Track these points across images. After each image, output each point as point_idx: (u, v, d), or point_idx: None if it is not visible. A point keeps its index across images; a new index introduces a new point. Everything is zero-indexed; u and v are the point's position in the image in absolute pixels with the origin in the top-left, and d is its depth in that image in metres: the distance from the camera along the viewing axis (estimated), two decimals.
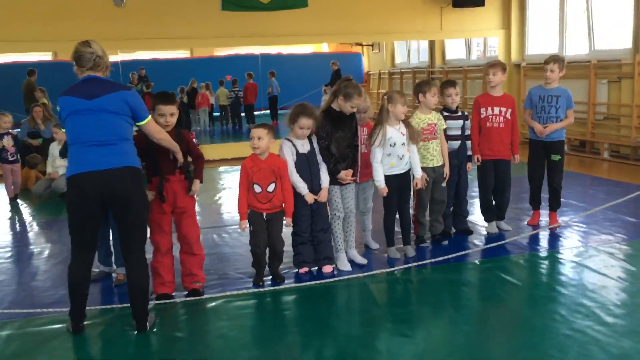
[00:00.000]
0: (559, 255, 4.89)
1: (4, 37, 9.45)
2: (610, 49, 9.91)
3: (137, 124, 3.62)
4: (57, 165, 7.62)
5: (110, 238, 4.58)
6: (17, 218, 7.03)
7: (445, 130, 5.15)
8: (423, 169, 4.95)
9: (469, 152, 5.39)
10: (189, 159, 4.26)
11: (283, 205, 4.48)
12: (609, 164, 9.36)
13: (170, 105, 4.05)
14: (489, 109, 5.28)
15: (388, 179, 4.73)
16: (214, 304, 4.14)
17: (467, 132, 5.37)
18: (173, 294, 4.24)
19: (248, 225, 4.44)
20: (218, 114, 17.19)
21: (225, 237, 5.81)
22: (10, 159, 7.36)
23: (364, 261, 4.82)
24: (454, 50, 14.59)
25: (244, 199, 4.40)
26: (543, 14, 11.39)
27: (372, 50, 20.10)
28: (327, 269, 4.68)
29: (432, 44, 15.09)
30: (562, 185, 5.58)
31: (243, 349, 3.48)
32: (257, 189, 4.37)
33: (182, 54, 20.71)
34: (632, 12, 9.22)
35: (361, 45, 20.39)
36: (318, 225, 4.66)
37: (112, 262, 4.63)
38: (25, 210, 7.42)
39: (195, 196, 4.26)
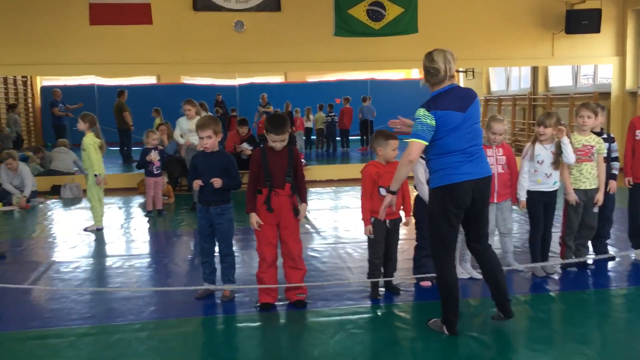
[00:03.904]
0: None
1: (136, 60, 10.17)
2: None
3: None
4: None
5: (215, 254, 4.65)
6: (157, 228, 7.41)
7: None
8: (575, 190, 4.97)
9: (614, 172, 5.34)
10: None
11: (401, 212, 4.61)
12: None
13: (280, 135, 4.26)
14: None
15: (534, 194, 4.88)
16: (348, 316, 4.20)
17: (613, 154, 5.35)
18: (275, 303, 4.39)
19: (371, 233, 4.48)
20: (315, 137, 17.58)
21: (341, 252, 5.92)
22: (155, 172, 7.81)
23: (478, 276, 4.80)
24: (559, 77, 14.28)
25: (367, 204, 4.47)
26: None
27: (467, 76, 19.98)
28: None
29: (535, 70, 14.84)
30: None
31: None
32: (383, 192, 4.43)
33: (277, 78, 21.36)
34: None
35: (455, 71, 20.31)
36: None
37: (215, 279, 4.66)
38: (164, 221, 7.80)
39: (301, 218, 4.40)
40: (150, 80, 19.52)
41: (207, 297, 4.62)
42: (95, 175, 7.06)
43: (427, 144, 3.58)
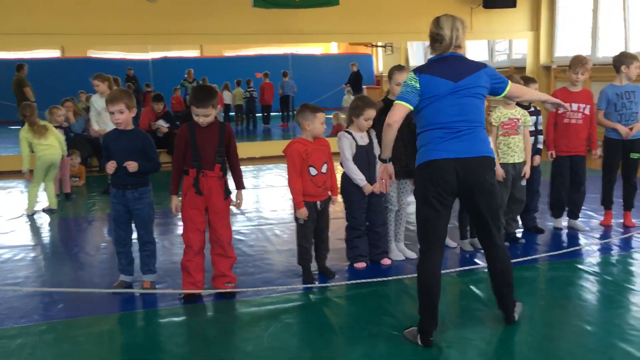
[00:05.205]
0: (636, 256, 4.79)
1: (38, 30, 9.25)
2: None
3: (499, 96, 3.43)
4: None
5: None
6: (66, 214, 6.74)
7: None
8: (503, 165, 4.93)
9: (539, 146, 5.35)
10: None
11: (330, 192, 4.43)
12: None
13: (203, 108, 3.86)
14: (567, 105, 5.16)
15: None
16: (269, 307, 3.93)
17: (539, 127, 5.36)
18: (201, 294, 4.07)
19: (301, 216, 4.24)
20: (233, 113, 17.05)
21: (268, 234, 5.65)
22: None
23: (412, 255, 4.72)
24: (475, 52, 14.50)
25: (298, 185, 4.20)
26: (574, 15, 11.35)
27: (385, 51, 20.01)
28: (386, 261, 4.66)
29: None
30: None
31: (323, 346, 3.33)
32: (313, 171, 4.24)
33: (193, 53, 20.52)
34: None
35: (373, 46, 20.30)
36: (378, 219, 4.60)
37: (134, 270, 4.31)
38: (73, 205, 7.16)
39: (239, 207, 4.18)
40: (53, 53, 18.21)
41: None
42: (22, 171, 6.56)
43: (412, 108, 3.19)
